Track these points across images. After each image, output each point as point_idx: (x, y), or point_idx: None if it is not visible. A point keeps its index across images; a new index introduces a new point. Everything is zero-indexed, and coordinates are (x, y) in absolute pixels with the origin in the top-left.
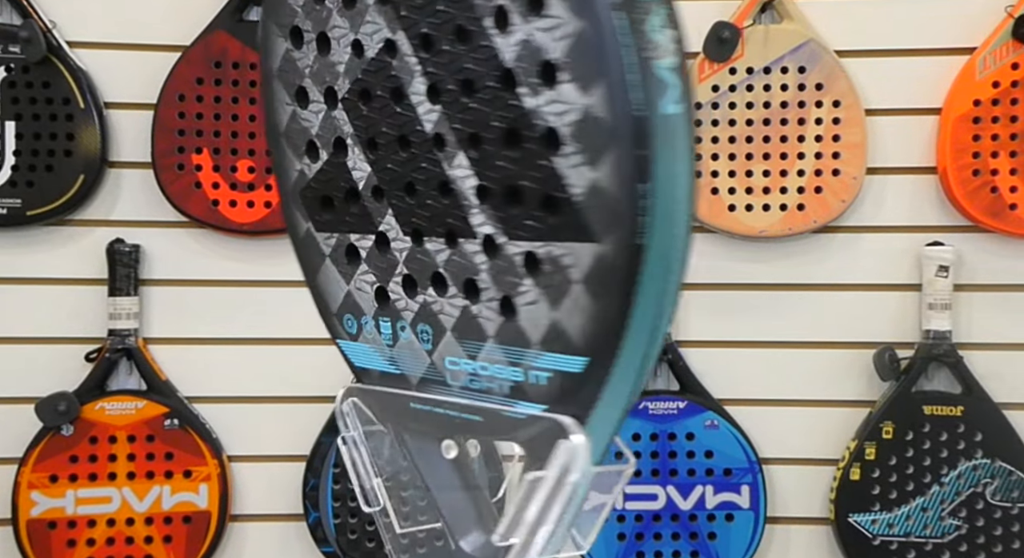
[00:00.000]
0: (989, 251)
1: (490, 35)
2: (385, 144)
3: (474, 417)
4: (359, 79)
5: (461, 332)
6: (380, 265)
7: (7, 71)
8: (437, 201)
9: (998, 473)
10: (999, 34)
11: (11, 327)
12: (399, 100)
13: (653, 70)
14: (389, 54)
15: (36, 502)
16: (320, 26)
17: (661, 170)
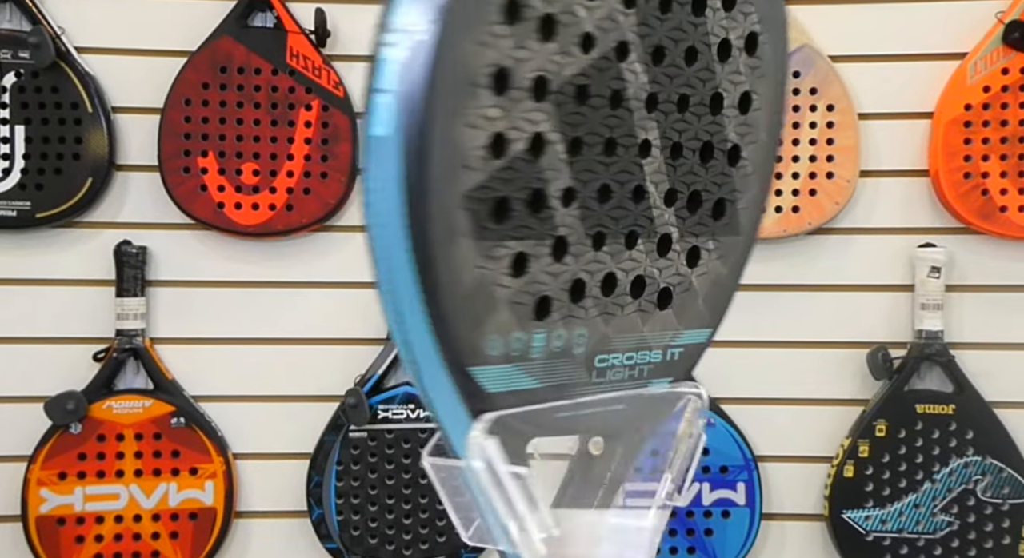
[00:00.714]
0: (980, 252)
1: (714, 61)
2: (590, 146)
3: (618, 406)
4: (580, 74)
5: (618, 328)
6: (552, 273)
7: (17, 76)
8: (627, 205)
9: (989, 470)
10: (989, 40)
11: (21, 327)
12: (616, 104)
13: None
14: (620, 57)
15: (45, 499)
16: (551, 7)
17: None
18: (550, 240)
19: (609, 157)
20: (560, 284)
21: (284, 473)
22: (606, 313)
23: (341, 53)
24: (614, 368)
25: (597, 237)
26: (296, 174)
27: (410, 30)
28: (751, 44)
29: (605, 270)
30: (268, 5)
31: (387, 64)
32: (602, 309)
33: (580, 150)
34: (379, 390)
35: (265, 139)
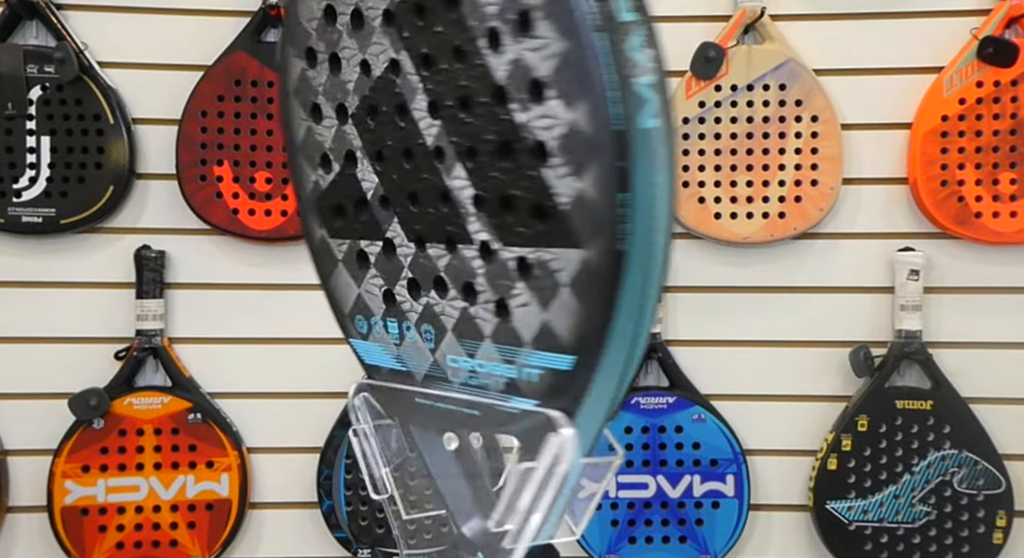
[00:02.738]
0: (956, 256)
1: (484, 54)
2: (391, 156)
3: (473, 411)
4: (367, 96)
5: (461, 332)
6: (388, 269)
7: (43, 89)
8: (438, 209)
9: (965, 463)
10: (964, 55)
11: (46, 327)
12: (403, 115)
13: (632, 87)
14: (393, 72)
15: (69, 490)
16: (332, 47)
17: (640, 180)
18: (380, 240)
19: (409, 164)
20: (399, 280)
21: (296, 466)
22: (446, 314)
23: None
24: (467, 372)
25: (419, 240)
26: None
27: None
28: (524, 23)
29: (434, 272)
30: (280, 21)
31: None
32: (441, 309)
33: (383, 160)
34: None
35: (277, 149)
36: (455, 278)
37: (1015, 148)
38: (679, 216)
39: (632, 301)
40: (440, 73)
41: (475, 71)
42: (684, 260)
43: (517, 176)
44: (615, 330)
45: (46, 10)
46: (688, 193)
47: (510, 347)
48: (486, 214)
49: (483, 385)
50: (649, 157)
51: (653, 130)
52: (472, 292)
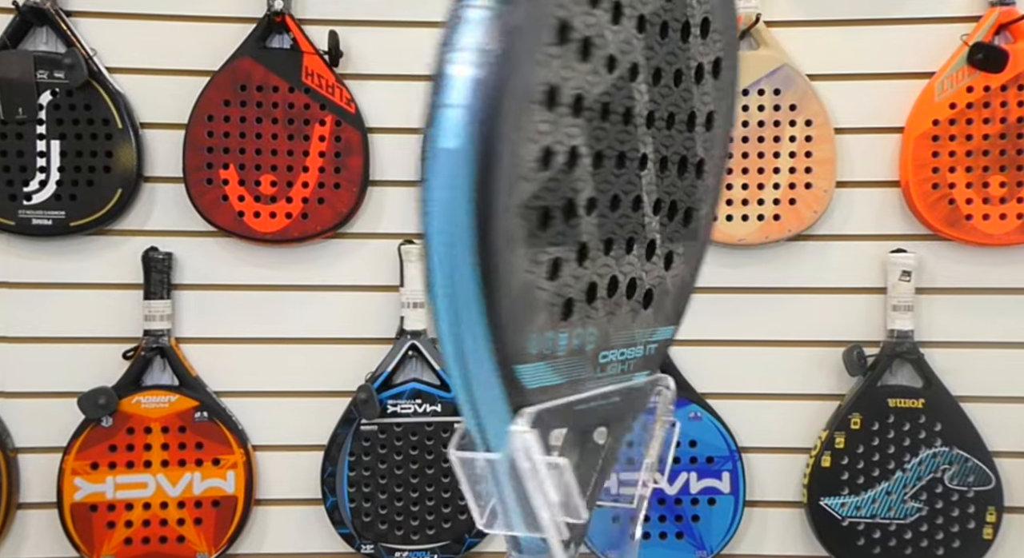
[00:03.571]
0: (947, 257)
1: (692, 83)
2: (608, 159)
3: (616, 399)
4: (606, 93)
5: (616, 326)
6: (575, 276)
7: (52, 94)
8: (629, 213)
9: (955, 460)
10: (955, 60)
11: (55, 328)
12: (628, 121)
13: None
14: (632, 77)
15: (79, 487)
16: (589, 30)
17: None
18: (575, 246)
19: (619, 169)
20: (580, 286)
21: (300, 463)
22: (609, 313)
23: (353, 72)
24: (612, 363)
25: (607, 243)
26: (311, 185)
27: (478, 49)
28: (716, 68)
29: (610, 273)
30: (285, 27)
31: (456, 80)
32: (607, 309)
33: (601, 163)
34: (388, 386)
35: (282, 152)
36: (626, 277)
37: (1005, 152)
38: None
39: None
40: (663, 89)
41: (684, 95)
42: None
43: (686, 186)
44: None
45: (56, 17)
46: None
47: (646, 329)
48: (658, 217)
49: (622, 371)
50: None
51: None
52: (634, 288)
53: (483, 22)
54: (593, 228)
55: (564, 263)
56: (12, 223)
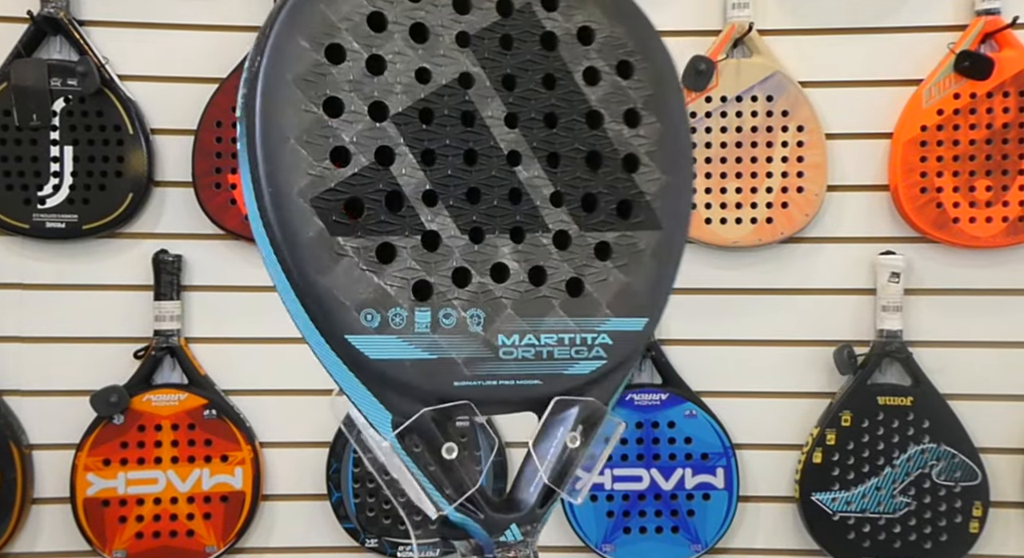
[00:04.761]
0: (935, 259)
1: (580, 85)
2: (447, 157)
3: (531, 382)
4: (423, 100)
5: (523, 311)
6: (426, 261)
7: (66, 101)
8: (504, 205)
9: (943, 456)
10: (943, 68)
11: (68, 328)
12: (469, 122)
13: None
14: (463, 84)
15: (91, 483)
16: (376, 49)
17: None
18: (418, 234)
19: (471, 165)
20: (441, 271)
21: (306, 460)
22: (504, 297)
23: None
24: (522, 347)
25: (474, 232)
26: None
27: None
28: (624, 69)
29: (492, 260)
30: None
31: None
32: (499, 294)
33: (435, 160)
34: None
35: None
36: (522, 264)
37: (990, 156)
38: None
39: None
40: (525, 92)
41: (570, 97)
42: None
43: (605, 179)
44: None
45: (69, 26)
46: None
47: (588, 318)
48: (566, 208)
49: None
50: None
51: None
52: (541, 274)
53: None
54: (444, 218)
55: (402, 249)
56: (26, 226)
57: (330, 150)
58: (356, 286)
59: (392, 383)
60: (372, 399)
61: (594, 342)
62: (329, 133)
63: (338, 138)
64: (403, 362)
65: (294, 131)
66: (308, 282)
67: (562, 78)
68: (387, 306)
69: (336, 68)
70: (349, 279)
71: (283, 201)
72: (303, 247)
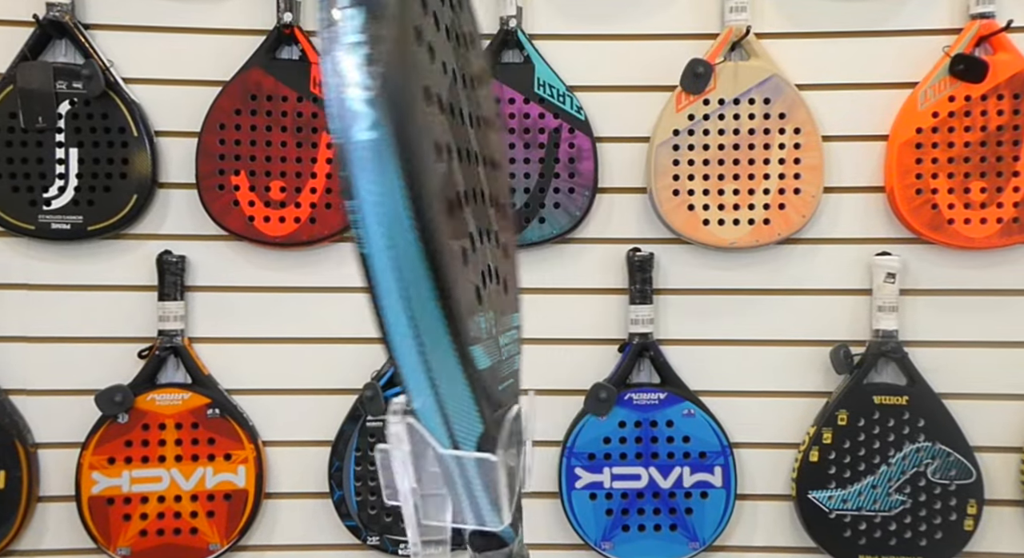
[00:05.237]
0: (930, 260)
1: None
2: (462, 156)
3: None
4: (449, 93)
5: (501, 311)
6: (473, 263)
7: (71, 104)
8: (482, 205)
9: (938, 454)
10: (937, 71)
11: (73, 328)
12: (463, 120)
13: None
14: (454, 81)
15: (96, 481)
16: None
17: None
18: (468, 235)
19: (469, 166)
20: (477, 273)
21: (308, 458)
22: (494, 298)
23: None
24: (507, 345)
25: (480, 233)
26: (319, 190)
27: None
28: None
29: (487, 261)
30: (294, 39)
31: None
32: (494, 294)
33: (461, 159)
34: (393, 384)
35: (291, 159)
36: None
37: (985, 158)
38: (670, 223)
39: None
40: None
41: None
42: (674, 264)
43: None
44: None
45: (74, 30)
46: (678, 201)
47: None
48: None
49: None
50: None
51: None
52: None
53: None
54: (471, 219)
55: (468, 251)
56: (32, 227)
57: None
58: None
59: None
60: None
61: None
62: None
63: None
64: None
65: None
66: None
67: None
68: (474, 312)
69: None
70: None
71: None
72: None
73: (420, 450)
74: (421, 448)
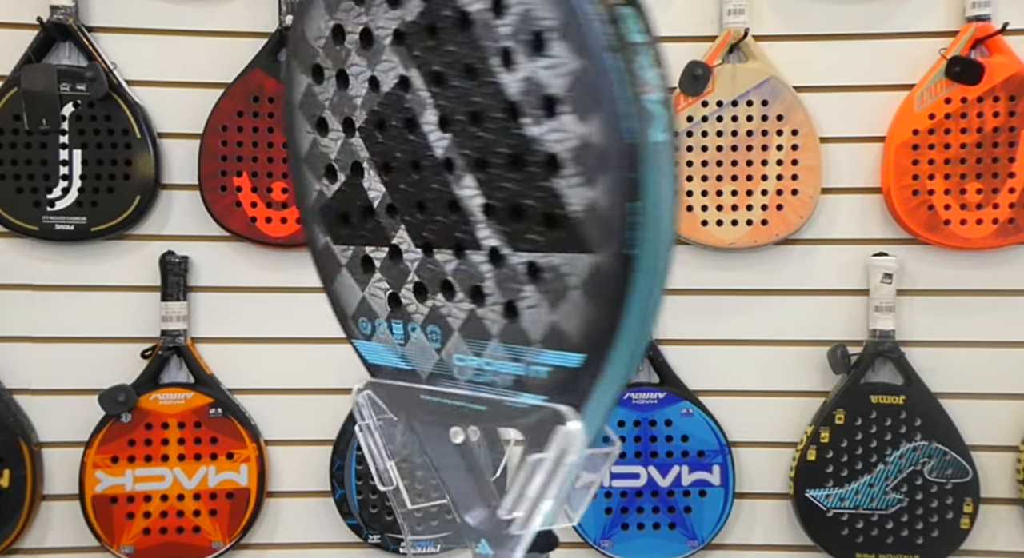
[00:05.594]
0: (927, 261)
1: (495, 72)
2: (399, 168)
3: (479, 406)
4: (375, 110)
5: (468, 332)
6: (393, 274)
7: (75, 106)
8: (446, 217)
9: (934, 453)
10: (934, 73)
11: (77, 328)
12: (412, 129)
13: (643, 103)
14: (403, 89)
15: (100, 480)
16: (339, 64)
17: (649, 190)
18: (386, 246)
19: (417, 175)
20: (405, 284)
21: (310, 457)
22: (452, 315)
23: None
24: (474, 370)
25: (426, 246)
26: None
27: None
28: (537, 43)
29: (441, 276)
30: None
31: None
32: (448, 311)
33: (391, 171)
34: None
35: None
36: (463, 282)
37: (980, 160)
38: None
39: (640, 303)
40: (451, 89)
41: (487, 88)
42: (673, 265)
43: (529, 186)
44: (623, 330)
45: (78, 32)
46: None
47: (518, 346)
48: (496, 221)
49: (490, 382)
50: (657, 168)
51: (662, 143)
52: (480, 295)
53: None
54: (403, 231)
55: (376, 260)
56: (36, 228)
57: (324, 167)
58: (351, 295)
59: None
60: None
61: (533, 375)
62: (322, 151)
63: (327, 156)
64: (387, 368)
65: (302, 153)
66: (326, 289)
67: (480, 65)
68: (373, 316)
69: (319, 88)
70: (346, 287)
71: (304, 215)
72: (316, 258)
73: None
74: None
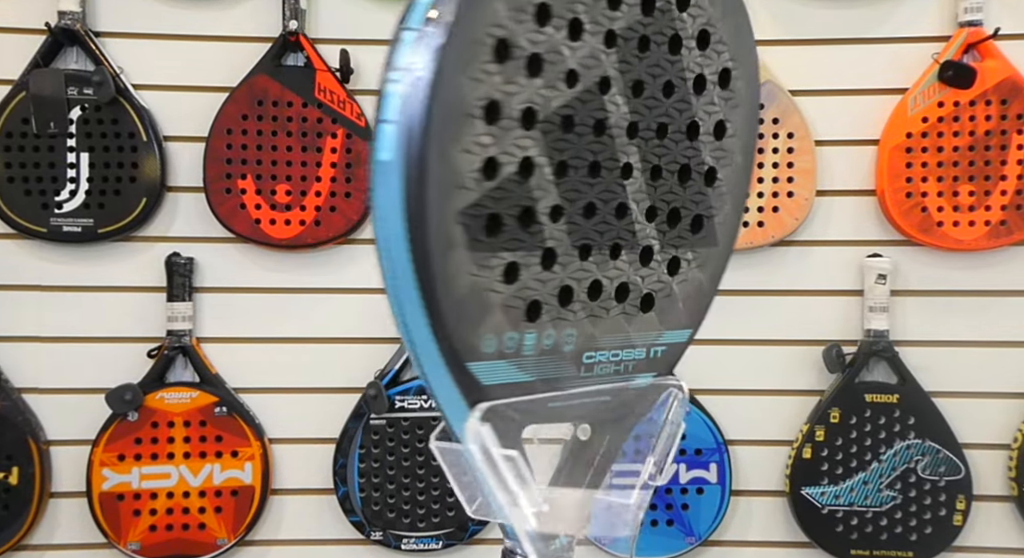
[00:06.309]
0: (920, 262)
1: (689, 95)
2: (576, 169)
3: (603, 398)
4: (566, 106)
5: (605, 329)
6: (542, 280)
7: (82, 110)
8: (611, 220)
9: (928, 451)
10: (927, 77)
11: (85, 328)
12: (600, 132)
13: None
14: (602, 90)
15: (107, 478)
16: (537, 47)
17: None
18: (539, 251)
19: (594, 178)
20: (549, 290)
21: (313, 456)
22: (593, 316)
23: (363, 88)
24: (601, 364)
25: (583, 249)
26: (323, 194)
27: (410, 68)
28: (724, 79)
29: (591, 278)
30: (299, 46)
31: (391, 98)
32: (589, 312)
33: (566, 172)
34: (396, 383)
35: (296, 163)
36: (613, 281)
37: (973, 162)
38: None
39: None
40: (648, 101)
41: (679, 106)
42: None
43: (690, 193)
44: None
45: (85, 37)
46: None
47: (647, 332)
48: (655, 223)
49: (614, 372)
50: None
51: None
52: (625, 291)
53: (412, 43)
54: (562, 234)
55: (524, 267)
56: (44, 230)
57: (482, 162)
58: (483, 308)
59: None
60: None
61: (653, 355)
62: (480, 142)
63: (488, 149)
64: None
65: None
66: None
67: (678, 85)
68: (503, 329)
69: (497, 68)
70: (477, 300)
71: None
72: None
73: None
74: None
